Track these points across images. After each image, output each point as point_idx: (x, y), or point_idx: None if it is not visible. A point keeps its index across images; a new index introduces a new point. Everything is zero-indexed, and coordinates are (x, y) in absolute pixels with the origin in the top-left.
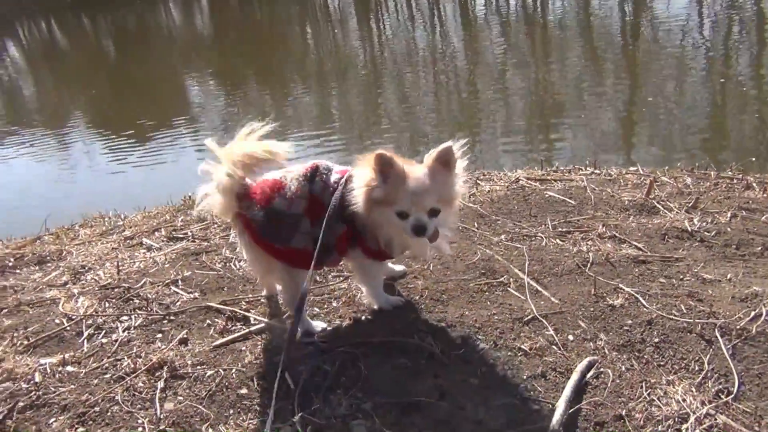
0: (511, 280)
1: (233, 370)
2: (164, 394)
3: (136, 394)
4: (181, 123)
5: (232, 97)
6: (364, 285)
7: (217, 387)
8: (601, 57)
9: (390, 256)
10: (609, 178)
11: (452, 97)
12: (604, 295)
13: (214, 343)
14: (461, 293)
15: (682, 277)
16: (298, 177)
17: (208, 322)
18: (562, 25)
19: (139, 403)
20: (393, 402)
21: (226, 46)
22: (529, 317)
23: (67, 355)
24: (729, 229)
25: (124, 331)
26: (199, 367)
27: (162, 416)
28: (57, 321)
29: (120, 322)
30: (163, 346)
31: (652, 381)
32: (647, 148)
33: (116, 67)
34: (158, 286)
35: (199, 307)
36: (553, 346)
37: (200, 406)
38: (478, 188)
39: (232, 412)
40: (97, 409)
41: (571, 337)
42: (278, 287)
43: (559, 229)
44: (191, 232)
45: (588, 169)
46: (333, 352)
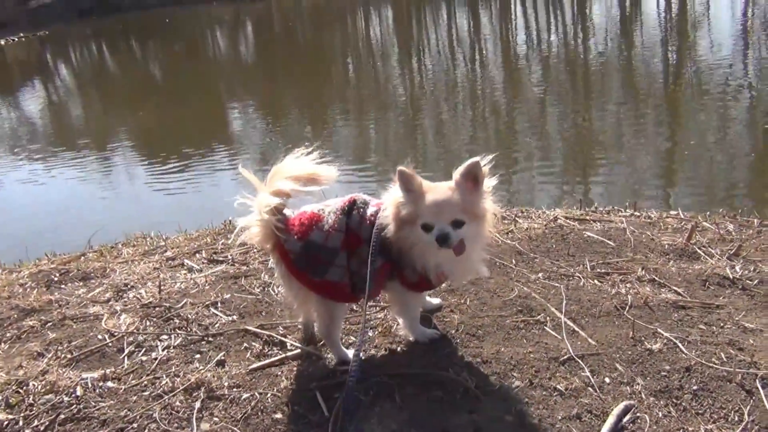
0: (548, 318)
1: (269, 395)
2: (201, 415)
3: (173, 412)
4: (223, 149)
5: (272, 127)
6: (402, 316)
7: (252, 410)
8: (643, 98)
9: (429, 286)
10: (649, 221)
11: (490, 133)
12: (642, 338)
13: (251, 367)
14: (497, 329)
15: (722, 324)
16: (336, 210)
17: (245, 345)
18: (603, 65)
19: (176, 422)
20: None
21: (267, 76)
22: (566, 357)
23: (108, 371)
24: None
25: (163, 350)
26: (235, 390)
27: None
28: (99, 337)
29: (160, 341)
30: (201, 367)
31: (690, 429)
32: (688, 192)
33: (162, 93)
34: (198, 307)
35: (237, 330)
36: (589, 388)
37: (235, 428)
38: (516, 225)
39: None
40: (135, 426)
41: (607, 380)
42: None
43: (598, 270)
44: (231, 255)
45: (627, 210)
46: (368, 381)
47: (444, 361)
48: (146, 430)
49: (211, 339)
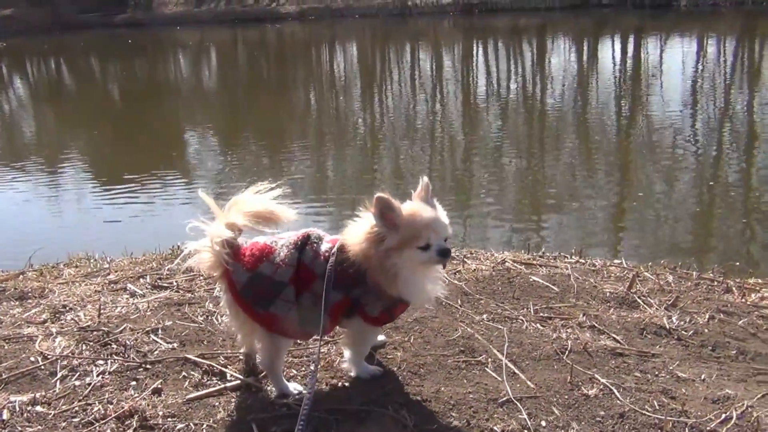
0: (490, 360)
1: (204, 426)
2: None
3: None
4: (176, 174)
5: (229, 155)
6: (352, 350)
7: None
8: (596, 148)
9: (390, 319)
10: (593, 268)
11: (446, 173)
12: (580, 384)
13: (188, 396)
14: (439, 368)
15: (657, 373)
16: (288, 244)
17: (184, 374)
18: (559, 114)
19: None
20: None
21: (229, 104)
22: (504, 399)
23: (38, 395)
24: (706, 330)
25: (98, 376)
26: (170, 419)
27: None
28: (32, 359)
29: (95, 366)
30: (136, 395)
31: None
32: (633, 243)
33: (119, 113)
34: (138, 333)
35: (177, 358)
36: (525, 431)
37: None
38: (465, 266)
39: None
40: None
41: (543, 423)
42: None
43: (541, 314)
44: (176, 281)
45: (573, 257)
46: (307, 416)
47: (384, 399)
48: None
49: (148, 366)
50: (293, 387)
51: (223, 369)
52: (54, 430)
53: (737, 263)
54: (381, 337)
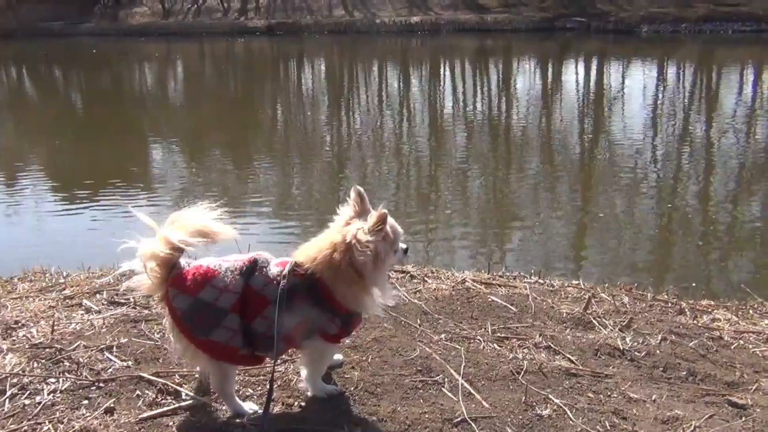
0: (446, 380)
1: None
2: None
3: None
4: (139, 187)
5: (194, 168)
6: (311, 369)
7: None
8: (559, 169)
9: (347, 334)
10: (551, 288)
11: (412, 191)
12: (534, 404)
13: (141, 416)
14: (396, 388)
15: (609, 393)
16: (234, 270)
17: (138, 392)
18: (524, 135)
19: None
20: None
21: (194, 117)
22: (459, 419)
23: None
24: (658, 352)
25: (49, 394)
26: None
27: None
28: None
29: (46, 384)
30: (88, 414)
31: None
32: (594, 262)
33: (82, 123)
34: (91, 351)
35: (131, 377)
36: None
37: None
38: (425, 285)
39: None
40: None
41: None
42: None
43: (498, 334)
44: (133, 298)
45: (532, 277)
46: None
47: (340, 418)
48: None
49: (102, 385)
50: (248, 406)
51: (178, 388)
52: None
53: (693, 284)
54: (338, 357)
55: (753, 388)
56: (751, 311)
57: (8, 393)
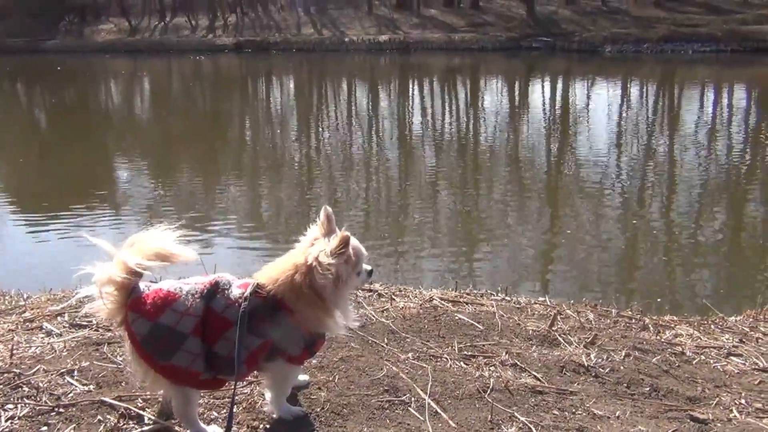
0: (413, 399)
1: None
2: None
3: None
4: (104, 207)
5: (161, 187)
6: (275, 391)
7: None
8: (526, 187)
9: (310, 355)
10: (518, 306)
11: (380, 208)
12: (500, 422)
13: None
14: (362, 409)
15: (574, 410)
16: (195, 293)
17: (99, 417)
18: (491, 152)
19: None
20: None
21: (162, 135)
22: None
23: None
24: (622, 368)
25: (6, 421)
26: None
27: None
28: None
29: (4, 411)
30: None
31: None
32: (561, 279)
33: (46, 141)
34: (52, 375)
35: (92, 401)
36: None
37: None
38: (393, 303)
39: None
40: None
41: None
42: None
43: (465, 353)
44: (96, 320)
45: (499, 294)
46: None
47: None
48: None
49: (62, 410)
50: (212, 430)
51: (141, 412)
52: None
53: (659, 299)
54: (304, 377)
55: (714, 403)
56: (712, 326)
57: None
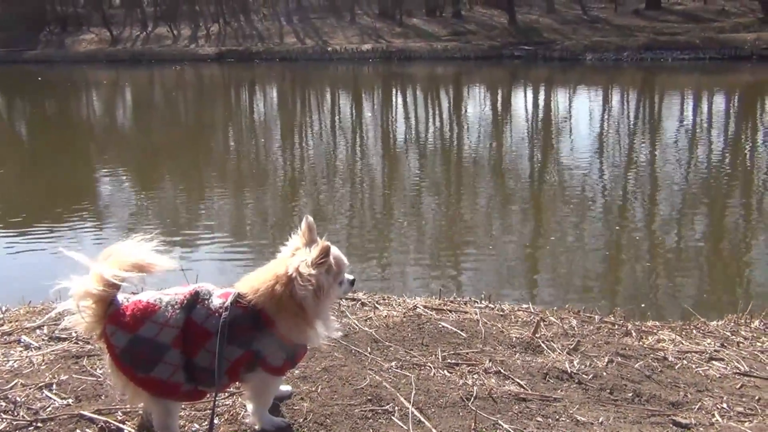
0: (397, 408)
1: None
2: None
3: None
4: (86, 218)
5: (143, 198)
6: (256, 402)
7: None
8: (510, 194)
9: (292, 366)
10: (501, 313)
11: (364, 217)
12: (484, 430)
13: None
14: (345, 419)
15: (558, 417)
16: (175, 304)
17: (78, 431)
18: (475, 160)
19: None
20: None
21: (144, 145)
22: None
23: None
24: (605, 374)
25: None
26: None
27: None
28: None
29: None
30: None
31: None
32: (545, 285)
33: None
34: (30, 389)
35: (71, 415)
36: None
37: None
38: (376, 312)
39: None
40: None
41: None
42: None
43: (448, 361)
44: (75, 332)
45: (483, 302)
46: None
47: None
48: None
49: (40, 425)
50: None
51: (120, 425)
52: None
53: (642, 305)
54: (287, 388)
55: (696, 407)
56: (694, 331)
57: None
